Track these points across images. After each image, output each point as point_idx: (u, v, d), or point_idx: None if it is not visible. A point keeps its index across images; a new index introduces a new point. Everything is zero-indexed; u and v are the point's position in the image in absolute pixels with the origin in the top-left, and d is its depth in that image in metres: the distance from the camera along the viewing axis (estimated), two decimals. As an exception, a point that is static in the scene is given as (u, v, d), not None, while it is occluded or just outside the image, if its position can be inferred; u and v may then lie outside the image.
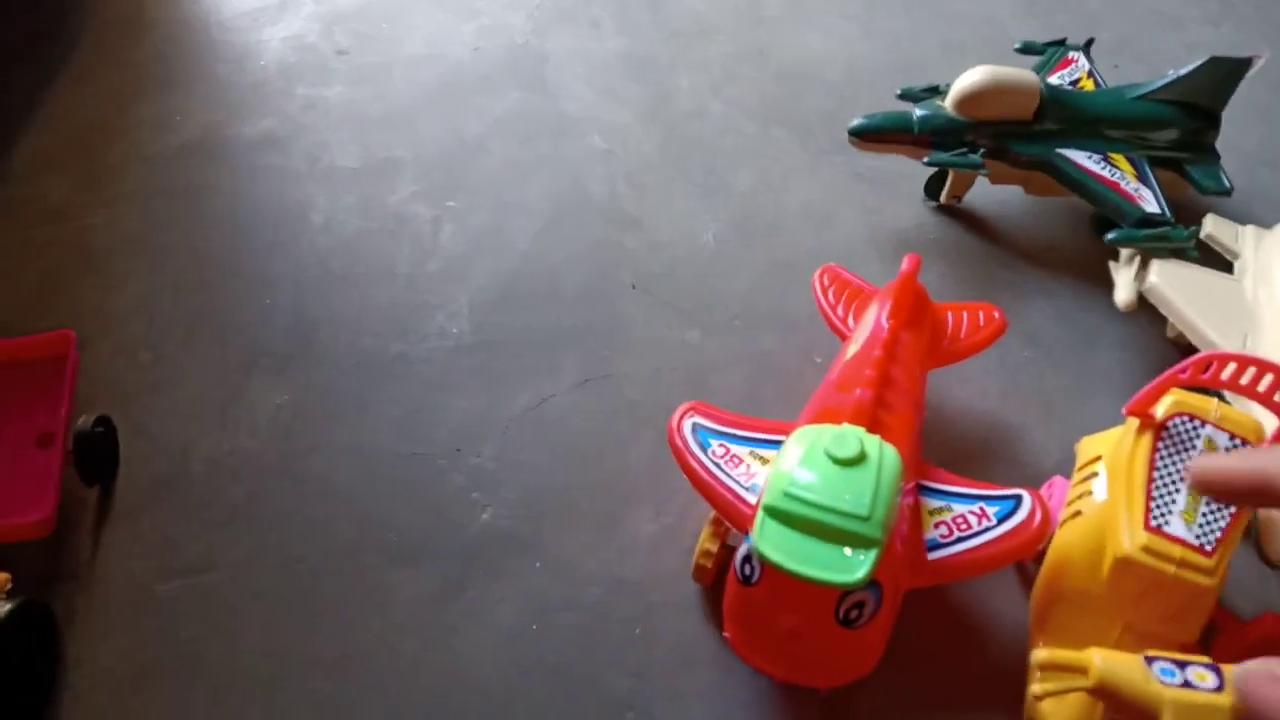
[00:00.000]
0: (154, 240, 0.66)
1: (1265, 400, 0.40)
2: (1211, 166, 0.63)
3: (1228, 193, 0.62)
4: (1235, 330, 0.53)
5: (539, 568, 0.52)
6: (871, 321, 0.51)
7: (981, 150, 0.60)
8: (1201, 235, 0.60)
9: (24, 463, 0.52)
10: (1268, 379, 0.40)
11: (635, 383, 0.59)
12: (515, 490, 0.54)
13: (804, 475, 0.40)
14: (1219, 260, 0.60)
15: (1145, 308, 0.57)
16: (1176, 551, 0.39)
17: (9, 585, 0.45)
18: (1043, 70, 0.68)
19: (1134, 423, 0.43)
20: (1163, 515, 0.40)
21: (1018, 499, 0.45)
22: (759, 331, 0.61)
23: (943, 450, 0.54)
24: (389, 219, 0.67)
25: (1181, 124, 0.62)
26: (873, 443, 0.42)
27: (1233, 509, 0.40)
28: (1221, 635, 0.48)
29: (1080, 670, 0.34)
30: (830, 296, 0.56)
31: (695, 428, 0.48)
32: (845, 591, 0.39)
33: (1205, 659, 0.35)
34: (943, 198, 0.67)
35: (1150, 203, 0.58)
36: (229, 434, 0.56)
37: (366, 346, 0.60)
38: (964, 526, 0.44)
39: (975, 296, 0.61)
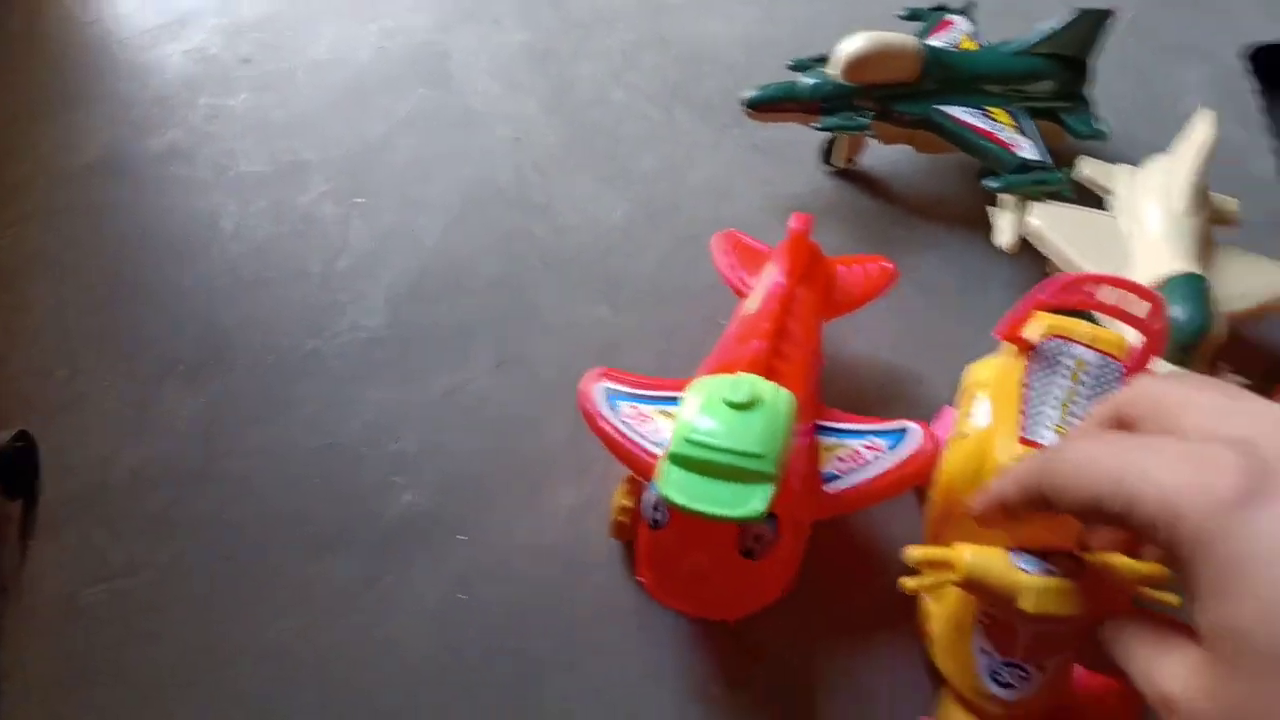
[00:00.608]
0: (61, 257, 0.66)
1: (1122, 315, 0.42)
2: (1085, 114, 0.66)
3: (1103, 137, 0.65)
4: (1109, 261, 0.56)
5: (462, 544, 0.53)
6: (767, 279, 0.53)
7: (868, 113, 0.63)
8: (1077, 177, 0.63)
9: (-57, 478, 0.52)
10: (1121, 294, 0.42)
11: (549, 362, 0.60)
12: (434, 474, 0.55)
13: (703, 422, 0.42)
14: (1096, 201, 0.63)
15: (1028, 249, 0.60)
16: None
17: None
18: (924, 34, 0.71)
19: (1011, 347, 0.45)
20: (1035, 429, 0.42)
21: (906, 430, 0.47)
22: (668, 305, 0.63)
23: (844, 396, 0.57)
24: (298, 221, 0.67)
25: (1056, 75, 0.65)
26: (767, 387, 0.43)
27: None
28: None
29: (950, 565, 0.36)
30: (729, 259, 0.58)
31: (605, 392, 0.50)
32: (745, 525, 0.41)
33: (1065, 549, 0.37)
34: (837, 161, 0.69)
35: (1027, 150, 0.61)
36: (146, 443, 0.57)
37: (280, 346, 0.61)
38: (859, 459, 0.47)
39: (870, 252, 0.63)
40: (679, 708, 0.48)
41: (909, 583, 0.37)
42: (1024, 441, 0.41)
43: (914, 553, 0.37)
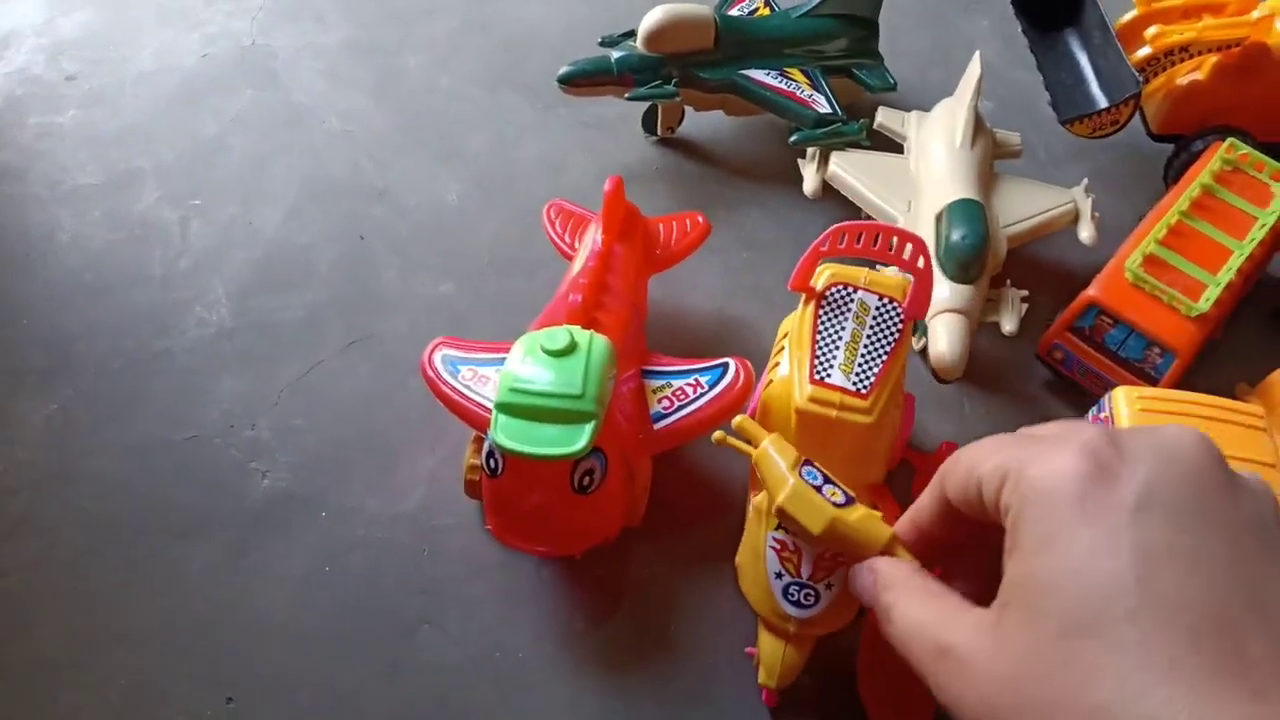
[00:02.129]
0: (-106, 284, 0.65)
1: (895, 260, 0.47)
2: (878, 69, 0.72)
3: (893, 88, 0.71)
4: (901, 200, 0.62)
5: (324, 518, 0.55)
6: (588, 240, 0.57)
7: (674, 81, 0.67)
8: (874, 126, 0.68)
9: None
10: (894, 240, 0.47)
11: (398, 337, 0.63)
12: (293, 454, 0.57)
13: (525, 370, 0.46)
14: (897, 147, 0.68)
15: (845, 201, 0.65)
16: (836, 398, 0.45)
17: None
18: (724, 5, 0.75)
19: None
20: (824, 370, 0.46)
21: (725, 366, 0.52)
22: (508, 275, 0.67)
23: (680, 347, 0.60)
24: (136, 226, 0.68)
25: (847, 34, 0.71)
26: (583, 335, 0.47)
27: (885, 356, 0.47)
28: (918, 474, 0.56)
29: (754, 442, 0.40)
30: (557, 227, 0.62)
31: (445, 359, 0.53)
32: (576, 462, 0.45)
33: (848, 489, 0.40)
34: (659, 131, 0.73)
35: (823, 105, 0.66)
36: (3, 454, 0.57)
37: (128, 348, 0.62)
38: (682, 396, 0.51)
39: (696, 211, 0.68)
40: (545, 646, 0.51)
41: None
42: (815, 382, 0.46)
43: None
